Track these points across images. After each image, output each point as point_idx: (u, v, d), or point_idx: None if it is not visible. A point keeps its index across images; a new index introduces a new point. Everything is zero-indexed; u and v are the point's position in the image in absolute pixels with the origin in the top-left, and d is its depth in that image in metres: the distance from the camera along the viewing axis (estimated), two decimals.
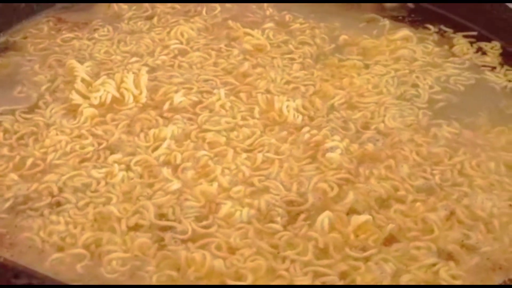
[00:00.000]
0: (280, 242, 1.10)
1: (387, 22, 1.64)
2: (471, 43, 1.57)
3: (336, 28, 1.62)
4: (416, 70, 1.49)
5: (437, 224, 1.13)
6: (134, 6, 1.68)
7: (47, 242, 1.09)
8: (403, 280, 1.04)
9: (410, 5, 1.70)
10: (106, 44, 1.55)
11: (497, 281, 1.05)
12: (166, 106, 1.35)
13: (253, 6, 1.69)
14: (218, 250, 1.08)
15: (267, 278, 1.04)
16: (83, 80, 1.38)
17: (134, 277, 1.04)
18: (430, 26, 1.63)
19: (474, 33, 1.59)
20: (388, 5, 1.71)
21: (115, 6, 1.67)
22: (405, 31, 1.60)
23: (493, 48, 1.56)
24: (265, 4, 1.69)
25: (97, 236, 1.09)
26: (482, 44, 1.57)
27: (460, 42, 1.58)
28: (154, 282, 1.03)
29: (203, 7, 1.67)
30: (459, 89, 1.44)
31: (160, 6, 1.68)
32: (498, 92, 1.45)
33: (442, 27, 1.62)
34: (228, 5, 1.69)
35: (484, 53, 1.54)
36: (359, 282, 1.04)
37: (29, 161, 1.23)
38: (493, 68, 1.50)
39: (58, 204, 1.15)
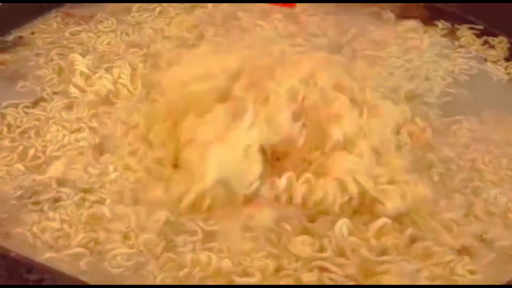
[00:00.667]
0: None
1: (391, 15, 1.65)
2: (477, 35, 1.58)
3: (344, 20, 1.62)
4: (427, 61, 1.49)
5: (456, 222, 1.13)
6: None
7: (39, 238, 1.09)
8: (420, 277, 1.03)
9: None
10: (110, 35, 1.57)
11: None
12: None
13: None
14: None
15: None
16: (81, 73, 1.41)
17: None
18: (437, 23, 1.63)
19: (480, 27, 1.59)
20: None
21: None
22: (411, 22, 1.61)
23: (501, 42, 1.56)
24: None
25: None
26: (489, 39, 1.57)
27: (465, 34, 1.58)
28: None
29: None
30: (466, 81, 1.45)
31: None
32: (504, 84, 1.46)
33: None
34: None
35: (491, 47, 1.55)
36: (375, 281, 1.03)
37: (31, 152, 1.24)
38: (497, 61, 1.51)
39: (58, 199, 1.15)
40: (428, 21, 1.62)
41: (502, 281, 1.02)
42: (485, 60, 1.51)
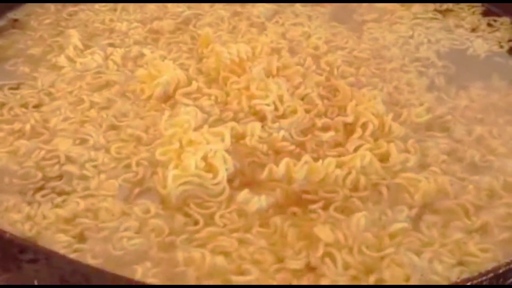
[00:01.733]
0: None
1: None
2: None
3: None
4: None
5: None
6: None
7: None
8: (426, 257, 0.99)
9: None
10: (110, 14, 1.54)
11: None
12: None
13: None
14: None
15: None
16: (75, 47, 1.39)
17: None
18: None
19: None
20: None
21: None
22: None
23: (503, 23, 1.51)
24: None
25: None
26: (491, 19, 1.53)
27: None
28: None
29: None
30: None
31: None
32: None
33: None
34: None
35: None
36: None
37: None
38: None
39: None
40: None
41: None
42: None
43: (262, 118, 1.23)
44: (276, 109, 1.24)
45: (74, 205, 1.07)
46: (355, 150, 1.16)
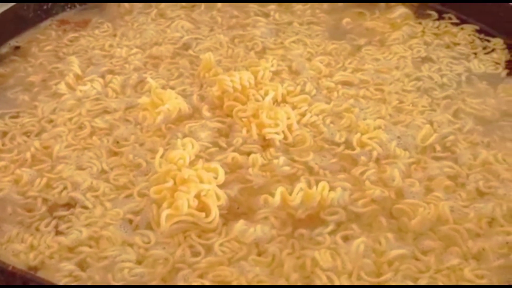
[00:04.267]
0: None
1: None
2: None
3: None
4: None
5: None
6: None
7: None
8: (422, 283, 1.00)
9: None
10: (109, 40, 1.55)
11: None
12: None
13: None
14: None
15: None
16: (75, 74, 1.41)
17: None
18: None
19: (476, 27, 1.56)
20: None
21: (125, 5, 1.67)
22: (402, 9, 1.60)
23: (496, 44, 1.51)
24: None
25: None
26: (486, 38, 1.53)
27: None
28: None
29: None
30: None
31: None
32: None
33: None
34: None
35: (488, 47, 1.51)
36: None
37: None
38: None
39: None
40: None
41: None
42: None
43: (266, 146, 1.25)
44: (285, 137, 1.26)
45: (77, 234, 1.09)
46: (361, 175, 1.18)
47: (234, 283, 1.01)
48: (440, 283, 1.00)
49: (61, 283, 0.99)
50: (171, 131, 1.29)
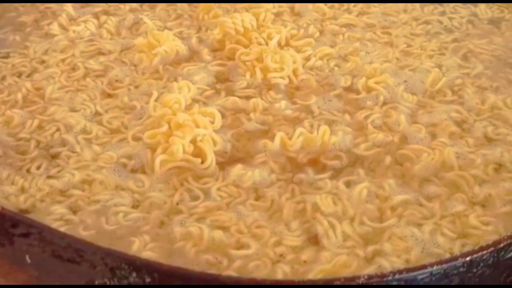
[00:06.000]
0: None
1: None
2: None
3: None
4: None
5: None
6: None
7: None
8: (427, 230, 0.97)
9: None
10: None
11: None
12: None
13: None
14: None
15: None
16: (68, 14, 1.38)
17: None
18: None
19: None
20: None
21: None
22: None
23: None
24: None
25: None
26: None
27: None
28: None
29: None
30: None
31: None
32: None
33: None
34: None
35: None
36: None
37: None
38: None
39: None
40: None
41: None
42: None
43: (268, 90, 1.21)
44: (290, 82, 1.22)
45: (69, 177, 1.06)
46: (365, 119, 1.15)
47: (233, 228, 0.98)
48: (445, 230, 0.97)
49: (52, 227, 0.95)
50: (168, 72, 1.24)
